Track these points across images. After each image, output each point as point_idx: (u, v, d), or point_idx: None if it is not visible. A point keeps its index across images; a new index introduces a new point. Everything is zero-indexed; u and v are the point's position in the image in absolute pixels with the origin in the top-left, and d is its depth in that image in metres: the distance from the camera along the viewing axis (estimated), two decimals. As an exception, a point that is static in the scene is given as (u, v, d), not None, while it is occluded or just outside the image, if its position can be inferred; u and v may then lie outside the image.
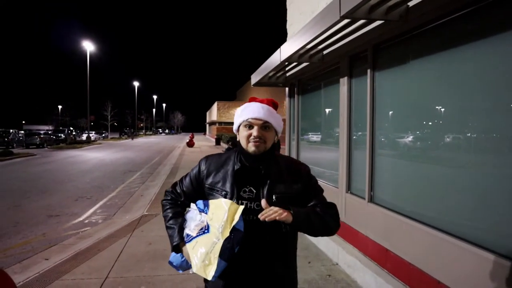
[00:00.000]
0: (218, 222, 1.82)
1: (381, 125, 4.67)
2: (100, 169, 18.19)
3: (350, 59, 5.41)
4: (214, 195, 1.99)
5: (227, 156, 2.09)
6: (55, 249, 6.18)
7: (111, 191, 12.08)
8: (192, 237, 1.89)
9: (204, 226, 1.89)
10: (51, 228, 7.68)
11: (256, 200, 1.92)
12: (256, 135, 1.93)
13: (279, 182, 1.95)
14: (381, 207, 4.50)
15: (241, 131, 2.00)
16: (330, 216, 1.95)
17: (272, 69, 7.17)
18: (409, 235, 3.87)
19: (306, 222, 1.84)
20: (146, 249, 5.91)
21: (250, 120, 1.95)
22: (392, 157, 4.49)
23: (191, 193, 2.12)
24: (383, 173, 4.60)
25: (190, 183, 2.13)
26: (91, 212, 9.17)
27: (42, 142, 37.59)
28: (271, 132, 1.99)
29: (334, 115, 6.13)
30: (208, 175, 2.05)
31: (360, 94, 5.13)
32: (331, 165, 6.30)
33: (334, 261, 5.37)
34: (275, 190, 1.92)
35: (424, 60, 3.87)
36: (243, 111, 2.00)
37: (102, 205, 10.02)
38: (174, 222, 2.04)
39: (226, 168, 2.02)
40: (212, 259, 1.76)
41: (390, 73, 4.49)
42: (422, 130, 3.97)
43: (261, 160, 1.96)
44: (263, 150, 1.95)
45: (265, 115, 1.95)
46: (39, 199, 10.69)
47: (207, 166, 2.09)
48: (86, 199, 10.78)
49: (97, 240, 6.49)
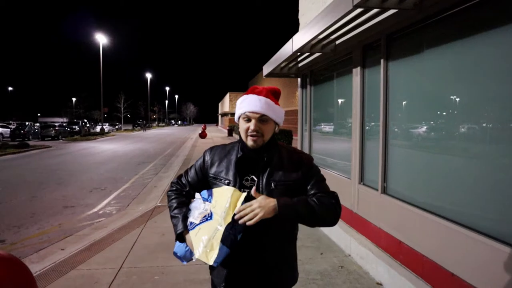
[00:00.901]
0: (221, 209, 1.84)
1: (394, 116, 4.62)
2: (113, 161, 18.37)
3: (363, 49, 5.35)
4: (217, 184, 2.03)
5: (231, 147, 2.12)
6: (70, 240, 6.28)
7: (124, 182, 12.19)
8: (195, 225, 1.92)
9: (207, 214, 1.91)
10: (67, 218, 7.80)
11: (257, 189, 1.94)
12: (253, 128, 1.92)
13: (279, 170, 1.97)
14: (394, 198, 4.47)
15: (240, 123, 2.01)
16: (325, 208, 1.88)
17: (284, 59, 7.13)
18: (422, 226, 3.84)
19: (294, 215, 1.83)
20: (159, 240, 5.97)
21: (247, 114, 1.95)
22: (405, 147, 4.44)
23: (196, 184, 2.16)
24: (396, 164, 4.56)
25: (195, 174, 2.17)
26: (105, 203, 9.27)
27: (57, 134, 38.08)
28: (270, 124, 1.97)
29: (347, 105, 6.08)
30: (212, 165, 2.09)
31: (373, 84, 5.07)
32: (343, 156, 6.26)
33: (347, 253, 5.36)
34: (274, 178, 1.94)
35: (438, 50, 3.80)
36: (241, 104, 2.00)
37: (116, 196, 10.12)
38: (178, 212, 2.07)
39: (229, 158, 2.05)
40: (214, 245, 1.77)
41: (404, 63, 4.43)
42: (436, 121, 3.91)
43: (261, 151, 1.98)
44: (261, 143, 1.96)
45: (262, 108, 1.93)
46: (55, 190, 10.85)
47: (211, 156, 2.12)
48: (101, 190, 10.91)
49: (111, 231, 6.57)
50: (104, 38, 47.99)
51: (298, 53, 6.58)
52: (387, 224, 4.58)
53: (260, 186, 1.94)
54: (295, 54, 6.67)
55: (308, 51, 6.30)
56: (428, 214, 3.78)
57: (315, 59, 7.25)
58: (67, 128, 42.67)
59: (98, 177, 13.28)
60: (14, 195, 10.15)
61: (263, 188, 1.93)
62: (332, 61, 6.73)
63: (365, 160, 5.38)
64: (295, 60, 7.70)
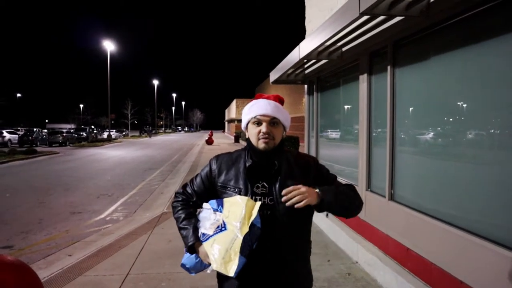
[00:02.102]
0: (236, 219, 1.83)
1: (401, 122, 4.61)
2: (120, 167, 18.45)
3: (369, 56, 5.36)
4: (227, 192, 2.01)
5: (237, 154, 2.11)
6: (78, 246, 6.31)
7: (131, 188, 12.23)
8: (209, 236, 1.90)
9: (220, 224, 1.89)
10: (74, 224, 7.83)
11: (269, 195, 1.94)
12: (265, 131, 1.94)
13: (290, 176, 1.97)
14: (402, 205, 4.45)
15: (250, 128, 2.01)
16: (352, 191, 1.98)
17: (291, 66, 7.15)
18: (430, 234, 3.82)
19: (333, 199, 1.83)
20: (166, 246, 5.98)
21: (258, 117, 1.97)
22: (413, 154, 4.43)
23: (203, 193, 2.13)
24: (404, 171, 4.55)
25: (202, 183, 2.14)
26: (112, 209, 9.31)
27: (65, 140, 38.33)
28: (279, 128, 2.00)
29: (354, 112, 6.08)
30: (219, 174, 2.07)
31: (380, 91, 5.07)
32: (350, 163, 6.26)
33: (354, 260, 5.34)
34: (286, 184, 1.93)
35: (445, 56, 3.80)
36: (250, 109, 2.02)
37: (123, 202, 10.16)
38: (187, 223, 2.05)
39: (237, 166, 2.05)
40: (232, 255, 1.77)
41: (411, 69, 4.43)
42: (444, 127, 3.90)
43: (272, 156, 1.98)
44: (272, 146, 1.96)
45: (273, 111, 1.96)
46: (62, 196, 10.91)
47: (218, 165, 2.10)
48: (107, 196, 10.95)
49: (118, 237, 6.60)
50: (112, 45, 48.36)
51: (305, 60, 6.60)
52: (395, 231, 4.56)
53: (274, 193, 1.93)
54: (302, 61, 6.69)
55: (315, 58, 6.32)
56: (436, 221, 3.76)
57: (321, 65, 7.27)
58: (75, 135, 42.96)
59: (105, 183, 13.34)
60: (22, 201, 10.23)
61: (277, 196, 1.92)
62: (338, 67, 6.74)
63: (372, 167, 5.37)
64: (302, 67, 7.72)
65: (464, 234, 3.34)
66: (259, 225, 1.83)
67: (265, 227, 1.86)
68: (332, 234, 6.33)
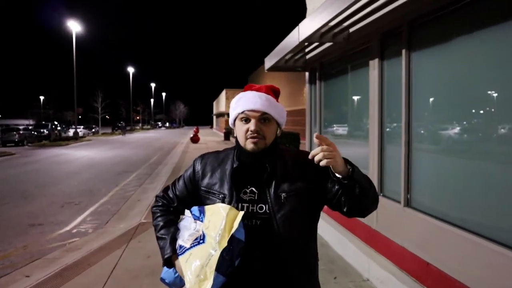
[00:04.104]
0: (215, 230, 1.83)
1: (419, 115, 4.62)
2: (90, 170, 18.38)
3: (381, 38, 5.36)
4: (211, 198, 2.02)
5: (225, 154, 2.12)
6: (37, 264, 6.27)
7: (102, 195, 12.20)
8: (185, 249, 1.91)
9: (199, 236, 1.90)
10: (33, 239, 7.79)
11: (258, 202, 1.93)
12: (254, 129, 1.93)
13: (286, 178, 1.96)
14: (420, 212, 4.47)
15: (237, 125, 2.01)
16: (370, 180, 1.95)
17: (289, 50, 7.15)
18: (454, 246, 3.83)
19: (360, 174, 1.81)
20: (144, 263, 5.96)
21: (246, 113, 1.95)
22: (433, 152, 4.45)
23: (185, 198, 2.16)
24: (422, 172, 4.56)
25: (184, 186, 2.16)
26: (79, 220, 9.27)
27: (22, 139, 38.05)
28: (272, 125, 1.99)
29: (363, 103, 6.09)
30: (203, 176, 2.09)
31: (393, 78, 5.08)
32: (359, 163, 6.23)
33: (365, 277, 5.35)
34: (283, 188, 1.93)
35: (471, 37, 3.81)
36: (237, 102, 2.01)
37: (92, 211, 10.12)
38: (165, 232, 2.07)
39: (223, 168, 2.05)
40: (208, 273, 1.76)
41: (430, 53, 4.44)
42: (470, 120, 3.91)
43: (262, 157, 1.97)
44: (262, 147, 1.95)
45: (263, 106, 1.95)
46: (19, 205, 10.85)
47: (202, 166, 2.12)
48: (74, 205, 10.91)
49: (87, 253, 6.57)
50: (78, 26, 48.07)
51: (306, 43, 6.60)
52: (412, 242, 4.57)
53: (269, 199, 1.92)
54: (302, 44, 6.68)
55: (317, 41, 6.32)
56: (462, 231, 3.76)
57: (325, 49, 7.27)
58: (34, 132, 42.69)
59: (71, 189, 13.29)
60: (-28, 211, 10.16)
61: (272, 202, 1.91)
62: (345, 52, 6.74)
63: (385, 168, 5.38)
64: (302, 51, 7.72)
65: (497, 247, 3.34)
66: (242, 238, 1.83)
67: (253, 240, 1.85)
68: (339, 246, 6.34)
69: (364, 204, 1.89)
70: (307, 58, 8.24)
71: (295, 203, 1.91)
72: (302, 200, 1.93)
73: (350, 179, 1.75)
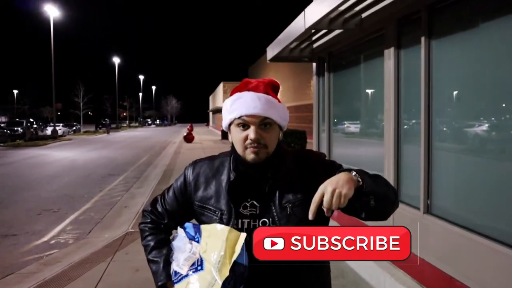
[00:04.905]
0: (214, 256, 1.79)
1: (441, 110, 4.61)
2: (70, 173, 18.37)
3: (397, 23, 5.35)
4: (206, 215, 1.98)
5: (220, 162, 2.06)
6: (11, 280, 6.25)
7: (85, 201, 12.18)
8: (181, 276, 1.88)
9: (196, 261, 1.86)
10: (6, 251, 7.78)
11: (261, 216, 1.89)
12: (254, 137, 1.85)
13: (291, 187, 1.92)
14: (442, 220, 4.46)
15: (234, 132, 1.94)
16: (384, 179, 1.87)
17: (294, 39, 7.14)
18: (482, 258, 3.82)
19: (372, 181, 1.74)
20: (132, 278, 5.95)
21: (244, 118, 1.88)
22: (456, 152, 4.44)
23: (176, 212, 2.10)
24: (445, 175, 4.55)
25: (175, 199, 2.10)
26: (58, 229, 9.25)
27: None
28: (273, 130, 1.92)
29: (377, 97, 6.09)
30: (197, 189, 2.03)
31: (411, 69, 5.07)
32: (373, 164, 6.26)
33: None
34: (289, 199, 1.90)
35: (500, 22, 3.79)
36: (233, 105, 1.92)
37: (73, 220, 10.11)
38: (157, 254, 2.03)
39: (219, 179, 2.00)
40: None
41: (453, 40, 4.43)
42: (499, 116, 3.90)
43: (264, 168, 1.92)
44: (264, 156, 1.89)
45: (263, 109, 1.87)
46: (-8, 213, 10.85)
47: (195, 176, 2.06)
48: (53, 212, 10.90)
49: (67, 266, 6.56)
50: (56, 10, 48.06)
51: (313, 30, 6.60)
52: (433, 254, 4.56)
53: (274, 212, 1.89)
54: (308, 32, 6.68)
55: (326, 28, 6.31)
56: (490, 241, 3.75)
57: (334, 37, 7.26)
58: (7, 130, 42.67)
59: (50, 194, 13.28)
60: None
61: (278, 215, 1.88)
62: (357, 40, 6.74)
63: (402, 170, 5.37)
64: (309, 40, 7.71)
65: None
66: (245, 263, 1.79)
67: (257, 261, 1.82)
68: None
69: (383, 210, 1.84)
70: (314, 47, 8.24)
71: (303, 214, 1.80)
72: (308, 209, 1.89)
73: (362, 194, 1.71)
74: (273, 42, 8.77)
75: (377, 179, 1.80)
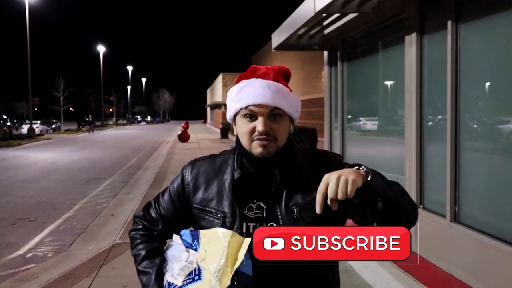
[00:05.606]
0: (214, 264, 1.78)
1: (470, 105, 4.61)
2: (50, 177, 18.40)
3: (420, 6, 5.34)
4: (206, 218, 1.97)
5: (222, 160, 2.06)
6: (-17, 297, 6.28)
7: (66, 209, 12.19)
8: None
9: (193, 270, 1.85)
10: (-21, 265, 7.81)
11: (268, 219, 1.89)
12: (263, 129, 1.84)
13: (299, 188, 1.91)
14: (471, 229, 4.45)
15: (239, 123, 1.93)
16: (400, 186, 1.81)
17: (302, 24, 7.14)
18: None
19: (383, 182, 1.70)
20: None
21: (251, 108, 1.87)
22: (487, 153, 4.43)
23: (172, 218, 2.08)
24: (474, 179, 4.54)
25: (171, 203, 2.09)
26: (36, 241, 9.26)
27: (-38, 138, 38.18)
28: (284, 121, 1.91)
29: (397, 90, 6.08)
30: (196, 190, 2.03)
31: (436, 58, 5.07)
32: (393, 166, 6.26)
33: (401, 312, 5.35)
34: (296, 201, 1.89)
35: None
36: (239, 93, 1.92)
37: (53, 230, 10.12)
38: (149, 265, 2.02)
39: (221, 178, 2.00)
40: None
41: (484, 25, 4.42)
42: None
43: (273, 163, 1.91)
44: (273, 151, 1.87)
45: (273, 99, 1.86)
46: (-39, 222, 10.88)
47: (194, 176, 2.06)
48: (29, 221, 10.91)
49: (46, 283, 6.57)
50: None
51: (324, 14, 6.59)
52: (461, 268, 4.55)
53: (279, 215, 1.88)
54: (319, 16, 6.68)
55: (339, 11, 6.31)
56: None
57: (348, 22, 7.25)
58: (-23, 129, 42.82)
59: (26, 202, 13.30)
60: None
61: (283, 219, 1.87)
62: (374, 25, 6.73)
63: (426, 173, 5.36)
64: (319, 25, 7.71)
65: None
66: (249, 273, 1.79)
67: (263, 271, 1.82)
68: (368, 273, 6.32)
69: (394, 219, 1.76)
70: (325, 33, 8.24)
71: (312, 219, 1.84)
72: (320, 213, 1.88)
73: (370, 193, 1.67)
74: (278, 28, 8.77)
75: (391, 183, 1.77)
